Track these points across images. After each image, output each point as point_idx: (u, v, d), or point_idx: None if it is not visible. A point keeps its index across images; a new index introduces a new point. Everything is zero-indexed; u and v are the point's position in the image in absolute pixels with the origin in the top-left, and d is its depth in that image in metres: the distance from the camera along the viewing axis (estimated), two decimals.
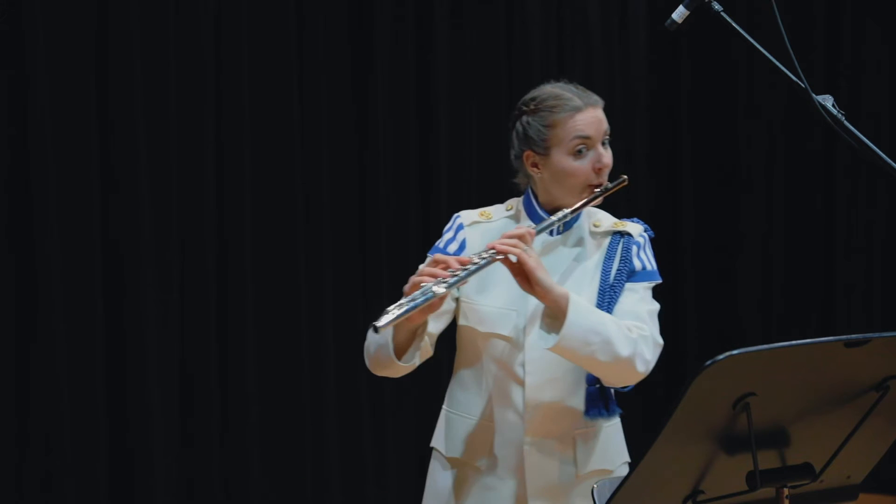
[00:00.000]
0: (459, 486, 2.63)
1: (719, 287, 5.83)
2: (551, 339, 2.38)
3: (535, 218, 2.57)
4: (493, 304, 2.51)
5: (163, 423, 4.21)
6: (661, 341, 2.53)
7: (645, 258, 2.60)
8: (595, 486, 2.49)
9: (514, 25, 5.16)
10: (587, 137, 2.51)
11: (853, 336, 1.97)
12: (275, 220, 4.50)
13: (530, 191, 2.61)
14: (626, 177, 2.58)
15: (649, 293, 2.59)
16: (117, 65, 4.10)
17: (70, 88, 4.02)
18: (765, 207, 5.76)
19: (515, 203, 2.64)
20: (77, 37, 4.03)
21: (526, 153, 2.55)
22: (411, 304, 2.28)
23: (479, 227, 2.60)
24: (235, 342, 4.40)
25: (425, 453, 2.78)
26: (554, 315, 2.39)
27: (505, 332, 2.51)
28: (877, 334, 1.99)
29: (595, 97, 2.56)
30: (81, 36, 4.04)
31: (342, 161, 4.67)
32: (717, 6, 2.44)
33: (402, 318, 2.27)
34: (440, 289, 2.29)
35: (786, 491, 2.09)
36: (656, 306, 2.59)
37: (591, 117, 2.52)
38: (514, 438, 2.55)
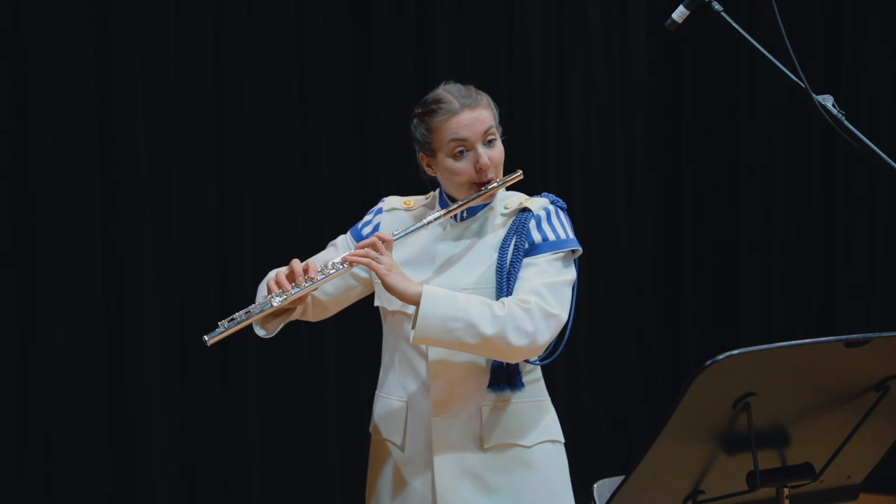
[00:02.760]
0: (378, 462, 2.73)
1: (719, 287, 5.83)
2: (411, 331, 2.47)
3: (444, 206, 2.65)
4: None
5: (163, 423, 4.21)
6: (555, 311, 2.48)
7: (548, 229, 2.59)
8: (595, 486, 2.49)
9: (514, 25, 5.16)
10: (463, 139, 2.56)
11: (853, 336, 1.97)
12: (275, 220, 4.50)
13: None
14: (520, 171, 2.62)
15: (555, 264, 2.55)
16: (118, 64, 4.11)
17: (70, 88, 4.02)
18: (765, 207, 5.76)
19: (434, 193, 2.73)
20: (77, 36, 4.03)
21: (420, 154, 2.66)
22: (246, 316, 2.45)
23: (395, 214, 2.71)
24: (236, 342, 4.40)
25: None
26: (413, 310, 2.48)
27: (409, 311, 2.55)
28: (877, 334, 1.99)
29: (476, 97, 2.61)
30: (81, 35, 4.04)
31: (342, 161, 4.68)
32: (717, 6, 2.44)
33: (236, 330, 2.45)
34: (277, 301, 2.45)
35: (786, 491, 2.09)
36: (560, 277, 2.54)
37: (467, 119, 2.57)
38: (423, 413, 2.61)
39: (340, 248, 2.73)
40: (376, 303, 2.69)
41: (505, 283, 2.53)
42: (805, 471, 2.11)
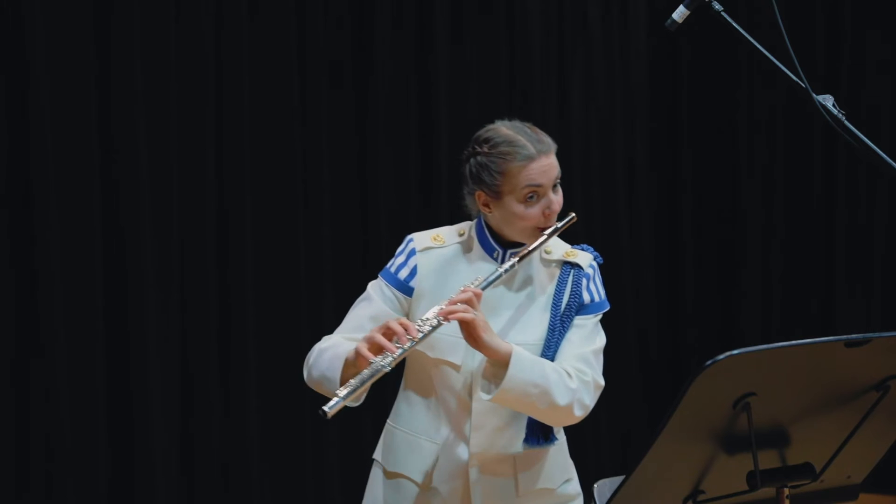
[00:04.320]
0: (397, 500, 2.70)
1: (719, 287, 5.83)
2: (491, 390, 2.48)
3: (486, 247, 2.63)
4: (444, 331, 2.53)
5: (163, 423, 4.21)
6: (602, 383, 2.58)
7: (594, 289, 2.64)
8: (595, 486, 2.50)
9: (514, 25, 5.16)
10: (539, 186, 2.53)
11: (853, 336, 1.97)
12: (275, 220, 4.49)
13: (483, 220, 2.65)
14: (574, 214, 2.62)
15: (598, 326, 2.64)
16: (118, 64, 4.10)
17: (70, 88, 4.02)
18: (765, 207, 5.76)
19: (468, 229, 2.68)
20: (77, 36, 4.03)
21: (478, 193, 2.59)
22: (359, 382, 2.41)
23: (431, 254, 2.65)
24: (236, 342, 4.40)
25: None
26: (496, 367, 2.47)
27: (454, 360, 2.58)
28: (877, 334, 1.99)
29: (548, 143, 2.57)
30: (81, 35, 4.04)
31: (343, 162, 4.67)
32: (717, 6, 2.44)
33: (352, 398, 2.42)
34: (387, 364, 2.39)
35: (786, 491, 2.09)
36: (603, 342, 2.63)
37: (543, 166, 2.54)
38: (456, 459, 2.62)
39: (377, 298, 2.65)
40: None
41: (554, 341, 2.58)
42: (805, 471, 2.11)
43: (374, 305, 2.64)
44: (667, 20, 2.49)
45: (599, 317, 2.64)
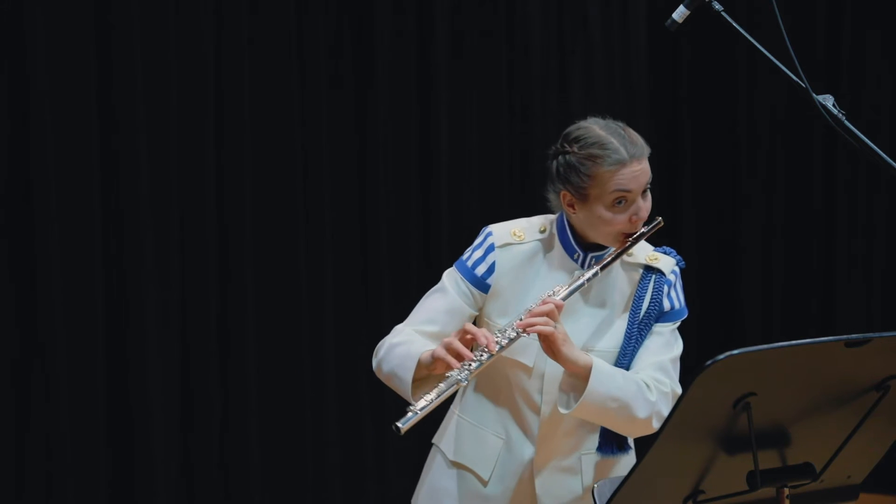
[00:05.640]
0: (460, 492, 2.65)
1: (719, 287, 5.82)
2: (570, 403, 2.41)
3: (568, 248, 2.54)
4: None
5: (163, 423, 4.21)
6: (679, 391, 2.48)
7: (675, 296, 2.56)
8: (595, 485, 2.50)
9: (514, 25, 5.15)
10: (628, 191, 2.45)
11: (853, 336, 1.97)
12: (275, 220, 4.49)
13: (565, 219, 2.56)
14: (660, 219, 2.54)
15: (676, 334, 2.57)
16: (118, 64, 4.10)
17: (70, 88, 4.02)
18: (765, 207, 5.75)
19: (549, 225, 2.58)
20: (77, 36, 4.03)
21: (563, 192, 2.50)
22: (436, 395, 2.32)
23: (510, 250, 2.55)
24: (236, 342, 4.40)
25: (426, 451, 2.78)
26: (575, 378, 2.41)
27: (525, 361, 2.51)
28: (877, 334, 1.99)
29: (641, 146, 2.48)
30: (82, 35, 4.04)
31: (343, 161, 4.67)
32: (717, 6, 2.44)
33: (427, 412, 2.32)
34: (463, 377, 2.33)
35: (786, 491, 2.09)
36: (680, 349, 2.56)
37: (635, 171, 2.45)
38: (520, 459, 2.58)
39: (452, 291, 2.55)
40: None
41: (631, 348, 2.50)
42: (805, 471, 2.11)
43: (448, 299, 2.55)
44: (667, 20, 2.49)
45: (678, 324, 2.56)
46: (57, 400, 3.99)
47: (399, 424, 2.29)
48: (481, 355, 2.35)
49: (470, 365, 2.33)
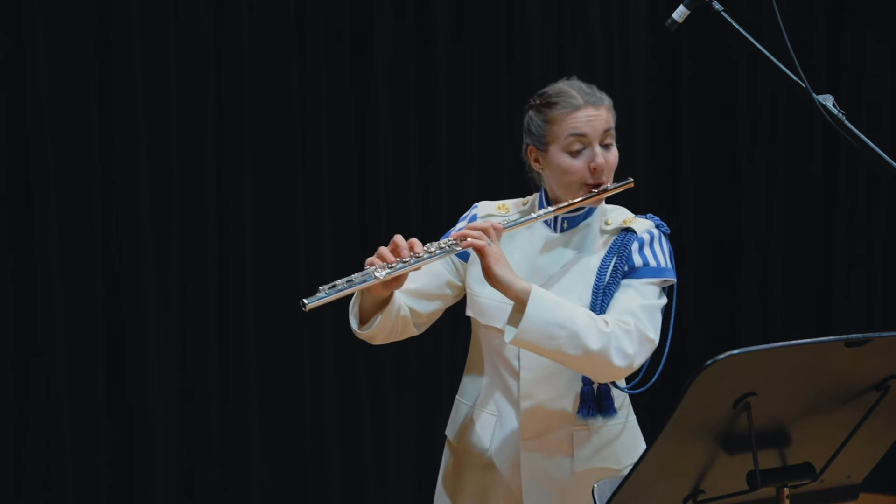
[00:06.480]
0: (460, 474, 2.67)
1: (720, 286, 5.82)
2: (512, 331, 2.37)
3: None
4: (491, 296, 2.50)
5: (163, 423, 4.21)
6: (651, 336, 2.43)
7: (650, 254, 2.53)
8: (595, 485, 2.49)
9: (514, 24, 5.15)
10: (582, 135, 2.51)
11: (853, 336, 1.97)
12: (275, 219, 4.49)
13: (543, 189, 2.62)
14: (631, 179, 2.57)
15: (651, 289, 2.50)
16: (118, 65, 4.10)
17: (70, 88, 4.02)
18: (765, 207, 5.76)
19: (532, 198, 2.64)
20: (77, 36, 4.03)
21: (529, 147, 2.58)
22: (347, 285, 2.31)
23: (491, 220, 2.57)
24: (236, 341, 4.40)
25: (426, 450, 2.80)
26: (518, 309, 2.38)
27: (501, 326, 2.49)
28: (877, 334, 1.99)
29: (600, 96, 2.56)
30: (82, 35, 4.04)
31: (342, 161, 4.67)
32: (717, 6, 2.44)
33: (335, 298, 2.29)
34: (381, 274, 2.32)
35: (786, 491, 2.09)
36: (655, 301, 2.49)
37: (589, 115, 2.52)
38: (510, 431, 2.58)
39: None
40: (468, 312, 2.62)
41: (599, 303, 2.47)
42: (805, 471, 2.11)
43: (430, 261, 2.56)
44: (667, 20, 2.49)
45: (654, 282, 2.50)
46: (56, 400, 3.99)
47: (305, 300, 2.30)
48: (407, 260, 2.35)
49: (394, 266, 2.33)
